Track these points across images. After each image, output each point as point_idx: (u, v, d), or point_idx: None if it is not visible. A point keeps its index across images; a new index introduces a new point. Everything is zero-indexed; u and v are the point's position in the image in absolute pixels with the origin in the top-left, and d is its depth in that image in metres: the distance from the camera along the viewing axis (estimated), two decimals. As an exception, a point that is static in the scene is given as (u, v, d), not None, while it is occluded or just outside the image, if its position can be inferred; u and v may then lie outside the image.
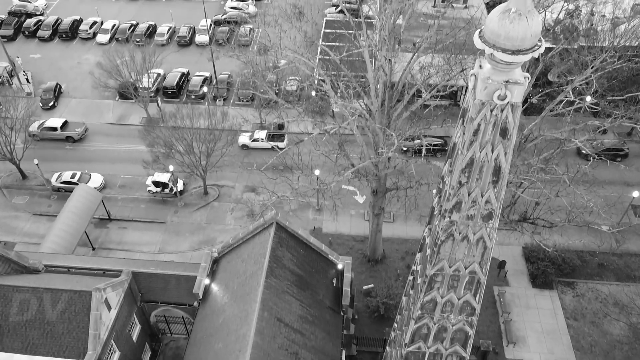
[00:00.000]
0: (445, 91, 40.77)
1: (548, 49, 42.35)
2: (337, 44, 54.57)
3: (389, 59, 39.60)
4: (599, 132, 46.12)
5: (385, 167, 38.49)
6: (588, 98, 42.76)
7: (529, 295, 41.45)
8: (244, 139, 54.64)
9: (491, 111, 12.60)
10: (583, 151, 51.44)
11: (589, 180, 40.29)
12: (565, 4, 39.70)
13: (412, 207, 40.50)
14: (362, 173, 39.59)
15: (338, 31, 59.13)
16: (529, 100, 42.30)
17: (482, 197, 14.05)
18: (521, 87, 12.03)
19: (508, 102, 12.18)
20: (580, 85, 39.77)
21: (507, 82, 11.99)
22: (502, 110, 12.47)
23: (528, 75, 12.21)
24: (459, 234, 14.89)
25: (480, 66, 12.18)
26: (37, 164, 49.84)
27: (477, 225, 14.58)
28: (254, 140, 54.44)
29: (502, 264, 42.55)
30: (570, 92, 37.77)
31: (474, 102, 12.59)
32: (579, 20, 43.74)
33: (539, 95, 42.49)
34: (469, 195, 14.08)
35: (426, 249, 17.61)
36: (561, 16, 39.80)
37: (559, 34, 42.85)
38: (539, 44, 11.15)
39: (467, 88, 12.97)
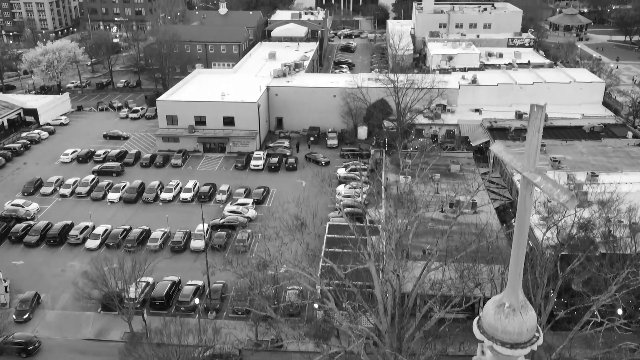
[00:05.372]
0: (462, 306, 41.43)
1: (567, 260, 44.14)
2: (341, 249, 56.64)
3: (398, 274, 41.20)
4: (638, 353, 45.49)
5: (399, 401, 37.44)
6: (619, 311, 43.20)
7: None
8: None
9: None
10: None
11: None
12: (576, 218, 42.66)
13: None
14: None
15: (342, 236, 61.86)
16: (554, 316, 42.74)
17: None
18: (526, 379, 12.97)
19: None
20: (607, 301, 40.59)
21: (511, 372, 12.93)
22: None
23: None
24: None
25: (483, 352, 13.25)
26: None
27: None
28: None
29: None
30: (597, 312, 38.49)
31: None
32: (594, 234, 46.36)
33: (565, 312, 43.09)
34: None
35: None
36: (574, 230, 42.38)
37: (575, 246, 45.06)
38: (537, 335, 12.36)
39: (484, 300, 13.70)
